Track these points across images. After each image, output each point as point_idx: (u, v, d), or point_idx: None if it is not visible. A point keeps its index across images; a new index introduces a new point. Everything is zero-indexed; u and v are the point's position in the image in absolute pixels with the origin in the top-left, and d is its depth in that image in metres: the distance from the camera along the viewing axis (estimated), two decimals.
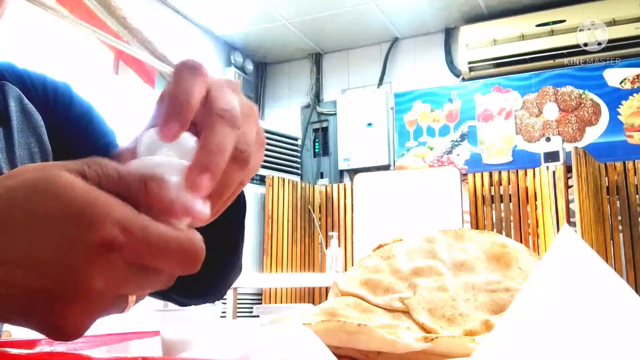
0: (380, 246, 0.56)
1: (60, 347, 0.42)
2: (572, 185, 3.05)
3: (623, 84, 3.73)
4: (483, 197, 3.65)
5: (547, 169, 3.30)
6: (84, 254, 0.29)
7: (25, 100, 0.67)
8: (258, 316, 0.45)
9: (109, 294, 0.31)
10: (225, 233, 0.60)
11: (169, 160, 0.34)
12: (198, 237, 0.32)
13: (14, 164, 0.64)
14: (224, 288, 0.70)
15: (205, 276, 0.63)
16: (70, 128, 0.71)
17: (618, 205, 3.31)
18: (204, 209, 0.33)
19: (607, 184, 3.34)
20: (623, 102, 3.72)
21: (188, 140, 0.36)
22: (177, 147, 0.35)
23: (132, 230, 0.30)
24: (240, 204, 0.63)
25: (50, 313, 0.30)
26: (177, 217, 0.32)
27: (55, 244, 0.29)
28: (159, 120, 0.35)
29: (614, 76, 3.75)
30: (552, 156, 3.25)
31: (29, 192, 0.30)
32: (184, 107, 0.35)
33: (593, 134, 3.77)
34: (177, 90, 0.36)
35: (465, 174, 3.76)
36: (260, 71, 4.93)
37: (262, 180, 3.98)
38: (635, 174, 3.29)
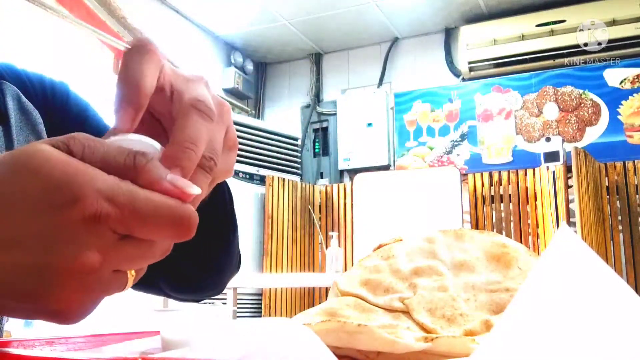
0: (380, 246, 0.56)
1: (60, 346, 0.42)
2: (572, 185, 3.05)
3: (623, 84, 3.72)
4: (483, 197, 3.65)
5: (547, 169, 3.30)
6: (71, 229, 0.28)
7: (24, 98, 0.67)
8: (259, 316, 0.45)
9: (104, 269, 0.29)
10: (211, 223, 0.57)
11: (145, 139, 0.32)
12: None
13: None
14: (220, 284, 0.68)
15: (198, 270, 0.63)
16: (68, 126, 0.71)
17: (618, 205, 3.31)
18: (191, 185, 0.31)
19: (607, 184, 3.34)
20: (623, 102, 3.72)
21: (153, 145, 0.33)
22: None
23: (117, 198, 0.28)
24: (224, 192, 0.60)
25: (48, 295, 0.29)
26: (164, 191, 0.30)
27: (41, 221, 0.27)
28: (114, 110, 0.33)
29: (614, 76, 3.75)
30: (552, 156, 3.25)
31: (9, 169, 0.28)
32: (135, 89, 0.33)
33: (593, 134, 3.77)
34: (126, 72, 0.33)
35: (465, 174, 3.76)
36: (260, 71, 4.93)
37: (262, 180, 3.98)
38: (635, 174, 3.29)
